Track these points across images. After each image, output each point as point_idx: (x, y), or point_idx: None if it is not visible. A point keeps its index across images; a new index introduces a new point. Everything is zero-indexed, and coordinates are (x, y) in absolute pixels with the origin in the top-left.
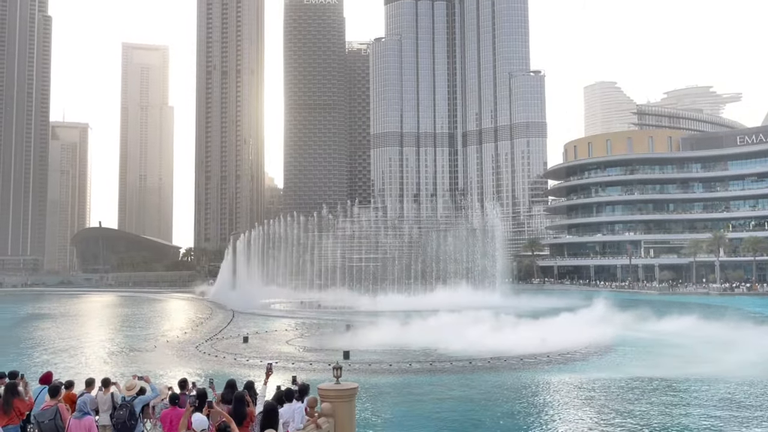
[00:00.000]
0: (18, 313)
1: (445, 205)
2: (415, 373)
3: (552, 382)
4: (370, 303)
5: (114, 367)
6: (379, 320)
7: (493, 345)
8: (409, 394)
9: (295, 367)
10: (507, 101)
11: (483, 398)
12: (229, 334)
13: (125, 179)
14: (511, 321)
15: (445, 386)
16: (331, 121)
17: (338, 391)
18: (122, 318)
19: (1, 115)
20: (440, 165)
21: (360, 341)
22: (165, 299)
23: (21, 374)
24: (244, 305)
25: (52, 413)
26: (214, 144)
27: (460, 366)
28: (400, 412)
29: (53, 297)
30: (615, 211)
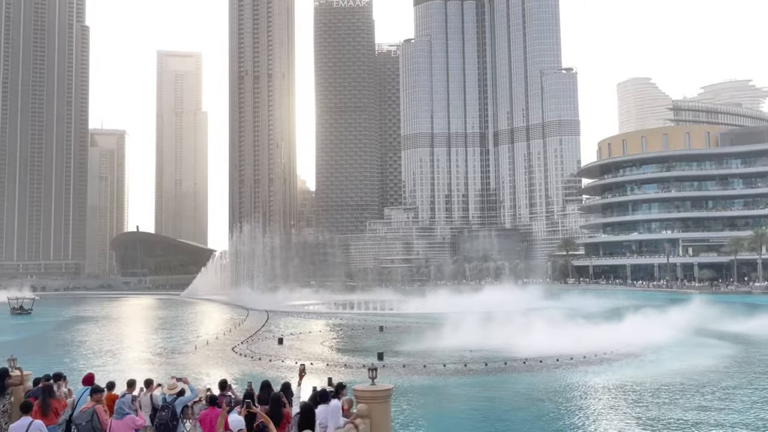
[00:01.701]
0: (61, 316)
1: (477, 206)
2: (449, 373)
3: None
4: (418, 304)
5: (154, 368)
6: (448, 322)
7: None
8: (443, 394)
9: (330, 369)
10: (539, 99)
11: (520, 399)
12: (265, 335)
13: (161, 184)
14: (592, 322)
15: (479, 387)
16: (361, 123)
17: (374, 392)
18: (161, 320)
19: (43, 124)
20: (472, 165)
21: (449, 343)
22: (201, 302)
23: (63, 376)
24: (274, 306)
25: (89, 415)
26: (247, 148)
27: (495, 367)
28: (436, 414)
29: (94, 300)
30: (651, 209)
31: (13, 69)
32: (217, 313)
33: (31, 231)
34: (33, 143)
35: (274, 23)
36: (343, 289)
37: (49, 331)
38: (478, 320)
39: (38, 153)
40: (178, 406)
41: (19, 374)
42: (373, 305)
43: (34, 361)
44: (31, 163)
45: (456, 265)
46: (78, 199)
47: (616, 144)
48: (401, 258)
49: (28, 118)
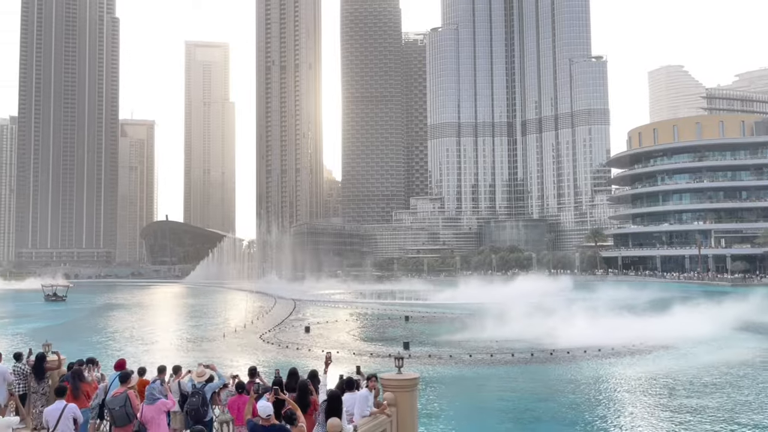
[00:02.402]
0: (94, 303)
1: (504, 196)
2: (475, 364)
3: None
4: (448, 295)
5: (183, 355)
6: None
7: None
8: (470, 386)
9: (356, 358)
10: (567, 88)
11: (547, 390)
12: (292, 324)
13: (190, 173)
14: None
15: (507, 378)
16: (387, 113)
17: (400, 380)
18: (190, 308)
19: (74, 115)
20: (499, 155)
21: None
22: (229, 290)
23: (96, 361)
24: (301, 295)
25: (122, 400)
26: (274, 138)
27: (521, 357)
28: (462, 404)
29: (125, 288)
30: (683, 200)
31: (46, 61)
32: (244, 301)
33: (64, 220)
34: (65, 134)
35: (300, 14)
36: (369, 278)
37: (83, 318)
38: (507, 311)
39: (70, 143)
40: (207, 392)
41: (56, 359)
42: (399, 295)
43: (68, 346)
44: (64, 153)
45: (482, 256)
46: (109, 188)
47: (647, 133)
48: (427, 248)
49: (61, 110)
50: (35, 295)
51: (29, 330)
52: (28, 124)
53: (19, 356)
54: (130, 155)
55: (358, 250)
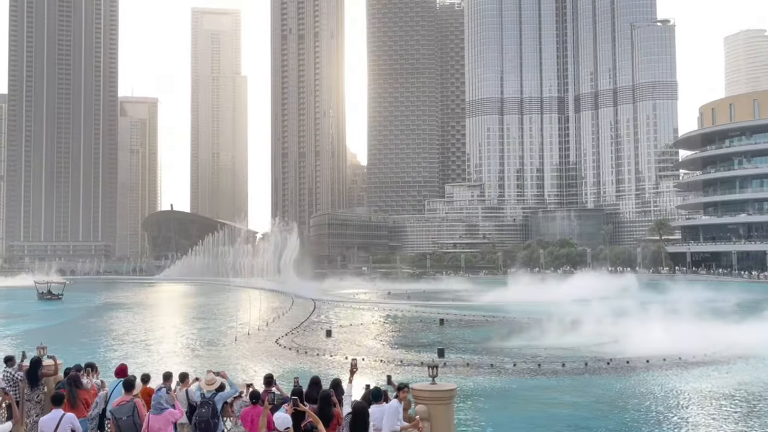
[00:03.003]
0: (92, 302)
1: (554, 182)
2: (520, 374)
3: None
4: (495, 296)
5: (190, 361)
6: (522, 315)
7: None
8: (513, 398)
9: (384, 366)
10: (628, 58)
11: (603, 405)
12: (311, 327)
13: (197, 158)
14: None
15: (556, 390)
16: (420, 88)
17: (434, 392)
18: (198, 308)
19: (69, 92)
20: (548, 135)
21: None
22: (241, 288)
23: (95, 366)
24: (322, 295)
25: (130, 409)
26: (291, 117)
27: (573, 368)
28: (505, 419)
29: (126, 285)
30: (764, 187)
31: (38, 33)
32: (258, 301)
33: (58, 210)
34: (59, 113)
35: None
36: (399, 276)
37: (80, 319)
38: (563, 313)
39: (65, 124)
40: (218, 402)
41: (53, 364)
42: (437, 296)
43: (64, 350)
44: (58, 135)
45: (528, 251)
46: (108, 174)
47: (722, 109)
48: (465, 242)
49: (54, 86)
50: (28, 292)
51: (21, 331)
52: (19, 101)
53: (10, 360)
54: (130, 137)
55: (385, 244)
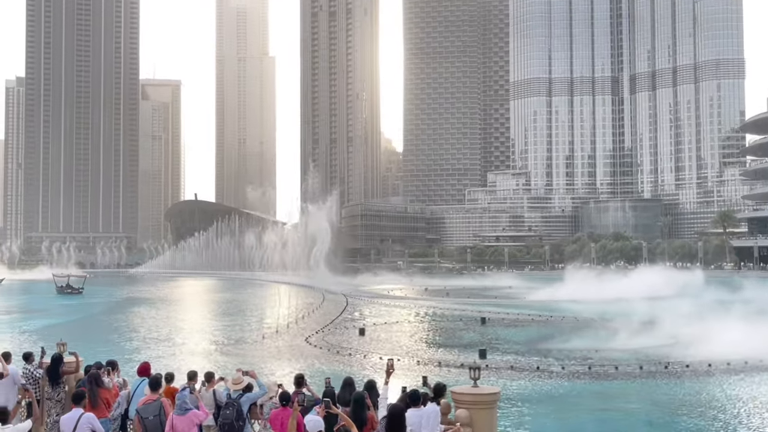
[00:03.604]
0: (113, 297)
1: (607, 170)
2: (568, 377)
3: None
4: (549, 293)
5: (216, 359)
6: (573, 313)
7: None
8: (562, 404)
9: (421, 367)
10: (690, 33)
11: (659, 412)
12: (343, 324)
13: (222, 144)
14: None
15: (608, 396)
16: (460, 68)
17: (476, 395)
18: (224, 304)
19: (89, 74)
20: (600, 118)
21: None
22: (269, 283)
23: (116, 364)
24: (355, 290)
25: (157, 409)
26: (321, 100)
27: (627, 371)
28: (551, 426)
29: (148, 279)
30: None
31: (56, 13)
32: (287, 296)
33: (77, 199)
34: (79, 97)
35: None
36: (436, 271)
37: (101, 314)
38: (613, 313)
39: (84, 108)
40: (244, 403)
41: (74, 361)
42: (481, 293)
43: (84, 347)
44: (77, 119)
45: (578, 245)
46: (129, 161)
47: None
48: (508, 235)
49: (73, 67)
50: (47, 286)
51: (40, 327)
52: (37, 84)
53: (30, 357)
54: (152, 122)
55: (422, 236)
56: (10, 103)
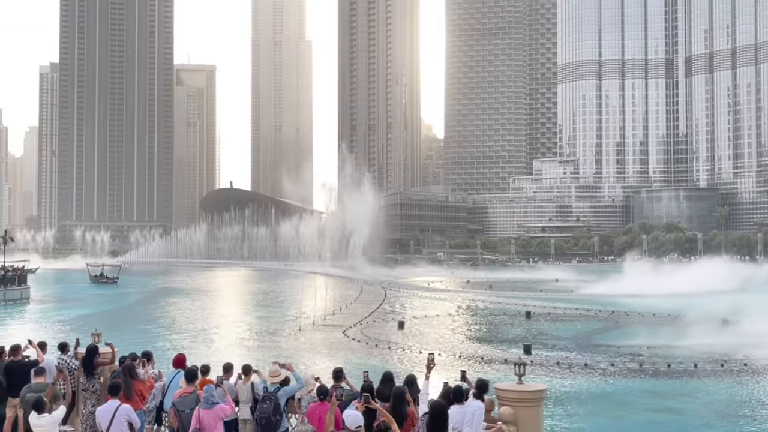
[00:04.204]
0: (148, 287)
1: (660, 157)
2: (618, 375)
3: None
4: (607, 287)
5: (252, 351)
6: (621, 309)
7: None
8: (610, 402)
9: (462, 362)
10: (751, 12)
11: (714, 413)
12: (382, 317)
13: (258, 131)
14: None
15: (660, 395)
16: (505, 50)
17: (522, 393)
18: (260, 295)
19: (122, 59)
20: (653, 102)
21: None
22: (305, 274)
23: (150, 355)
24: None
25: (193, 402)
26: (360, 85)
27: (680, 369)
28: (598, 425)
29: (182, 269)
30: None
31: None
32: (324, 288)
33: (111, 187)
34: (112, 82)
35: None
36: (478, 263)
37: (135, 304)
38: (672, 308)
39: (118, 94)
40: (281, 397)
41: (110, 351)
42: (519, 285)
43: (118, 337)
44: (111, 107)
45: (629, 236)
46: (163, 148)
47: None
48: (555, 225)
49: (107, 52)
50: (80, 275)
51: (74, 317)
52: (71, 70)
53: (65, 347)
54: (187, 108)
55: (464, 227)
56: (45, 89)
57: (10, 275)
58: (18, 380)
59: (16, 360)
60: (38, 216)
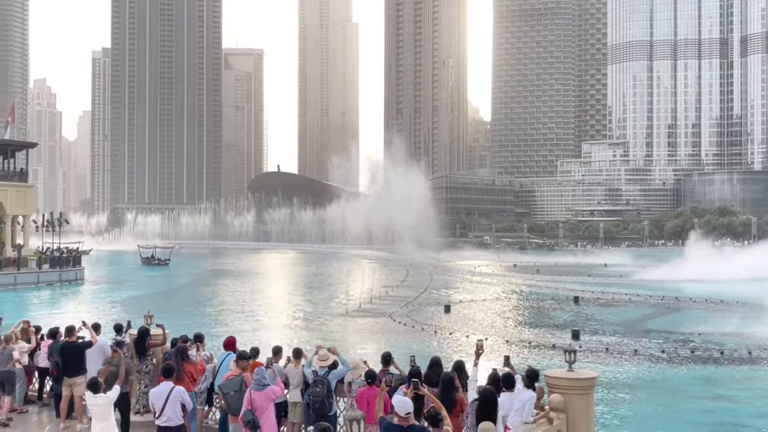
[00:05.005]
0: (198, 269)
1: (714, 140)
2: (669, 362)
3: None
4: (664, 272)
5: (298, 334)
6: (673, 293)
7: None
8: (661, 390)
9: (510, 348)
10: None
11: (766, 401)
12: (428, 300)
13: (305, 114)
14: None
15: (713, 382)
16: (553, 31)
17: (572, 380)
18: (308, 278)
19: (172, 44)
20: (707, 84)
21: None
22: (352, 257)
23: (202, 337)
24: (440, 265)
25: (238, 384)
26: (406, 68)
27: (734, 356)
28: (648, 412)
29: (232, 252)
30: None
31: None
32: (371, 271)
33: (162, 170)
34: (162, 67)
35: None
36: (525, 246)
37: (187, 286)
38: (722, 292)
39: (168, 78)
40: (332, 380)
41: (161, 333)
42: (567, 270)
43: (169, 319)
44: (161, 91)
45: (680, 220)
46: (212, 132)
47: None
48: (604, 209)
49: (157, 37)
50: (132, 257)
51: (127, 297)
52: (122, 55)
53: (120, 329)
54: (235, 92)
55: (511, 210)
56: (97, 74)
57: (65, 257)
58: (73, 361)
59: (71, 341)
60: (92, 199)
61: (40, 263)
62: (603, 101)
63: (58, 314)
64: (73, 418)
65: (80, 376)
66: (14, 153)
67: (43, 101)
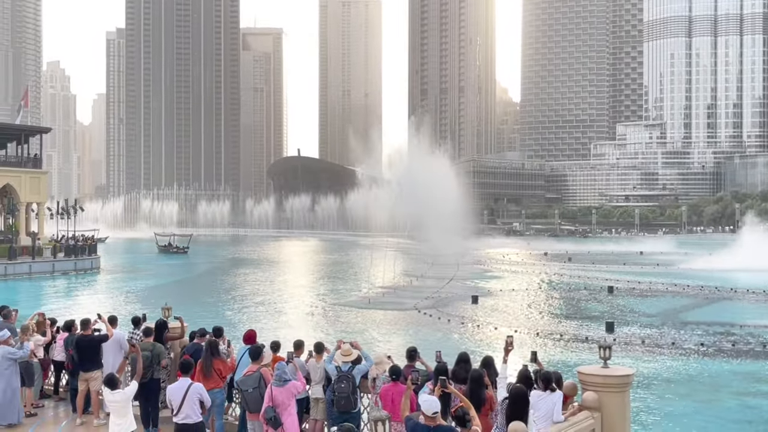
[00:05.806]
0: (217, 257)
1: (756, 120)
2: (709, 355)
3: None
4: (703, 260)
5: (319, 326)
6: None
7: None
8: (700, 385)
9: (540, 342)
10: None
11: None
12: (454, 291)
13: (326, 96)
14: None
15: (755, 377)
16: (586, 7)
17: (607, 377)
18: (329, 266)
19: (189, 23)
20: (749, 61)
21: None
22: (375, 245)
23: (221, 330)
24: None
25: (256, 380)
26: (431, 47)
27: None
28: (687, 409)
29: (251, 240)
30: None
31: None
32: (394, 259)
33: (179, 155)
34: (178, 48)
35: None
36: (557, 233)
37: (204, 275)
38: None
39: (184, 59)
40: (356, 376)
41: (179, 326)
42: (600, 258)
43: (186, 310)
44: (177, 72)
45: (720, 205)
46: (230, 115)
47: None
48: (639, 194)
49: (172, 18)
50: (148, 245)
51: (143, 287)
52: (137, 35)
53: (138, 322)
54: (254, 73)
55: (541, 195)
56: (111, 55)
57: (80, 245)
58: (88, 354)
59: (87, 334)
60: (107, 184)
61: (55, 252)
62: (639, 80)
63: (73, 305)
64: (89, 412)
65: (96, 371)
66: (28, 138)
67: (56, 84)
